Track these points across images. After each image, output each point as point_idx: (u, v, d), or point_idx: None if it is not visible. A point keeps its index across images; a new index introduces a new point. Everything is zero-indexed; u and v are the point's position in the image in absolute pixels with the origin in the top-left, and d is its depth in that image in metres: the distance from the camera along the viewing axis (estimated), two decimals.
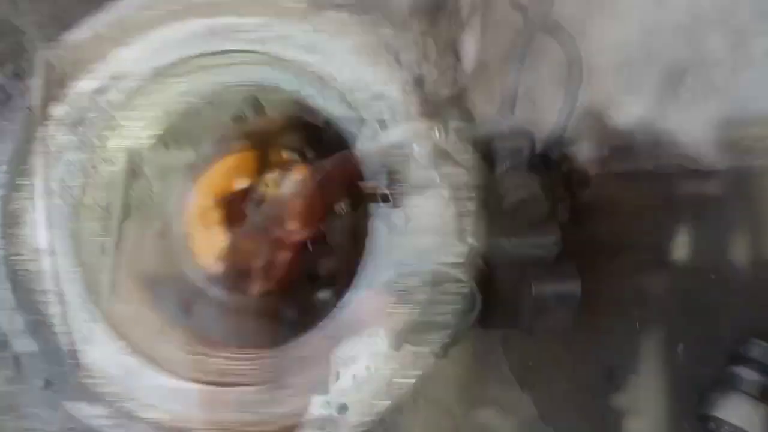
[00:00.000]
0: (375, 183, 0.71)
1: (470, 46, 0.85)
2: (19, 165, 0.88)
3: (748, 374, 1.00)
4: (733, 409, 0.96)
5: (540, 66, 1.08)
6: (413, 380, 0.72)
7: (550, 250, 0.63)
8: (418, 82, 0.91)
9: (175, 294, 0.99)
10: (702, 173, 1.18)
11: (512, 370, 1.10)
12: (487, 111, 1.06)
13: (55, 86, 0.88)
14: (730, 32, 1.00)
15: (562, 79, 1.07)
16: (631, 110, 1.07)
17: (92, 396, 0.81)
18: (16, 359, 0.87)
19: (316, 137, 1.03)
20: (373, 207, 0.73)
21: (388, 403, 0.71)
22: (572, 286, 0.67)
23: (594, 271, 1.14)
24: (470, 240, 0.61)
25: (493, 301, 0.74)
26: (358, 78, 0.87)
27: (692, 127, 1.06)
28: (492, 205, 0.63)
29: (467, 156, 0.61)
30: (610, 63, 1.07)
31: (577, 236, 1.18)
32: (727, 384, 1.00)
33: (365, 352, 0.70)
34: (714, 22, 0.99)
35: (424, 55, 0.85)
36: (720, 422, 0.97)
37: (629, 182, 1.20)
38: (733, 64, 1.05)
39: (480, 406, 1.07)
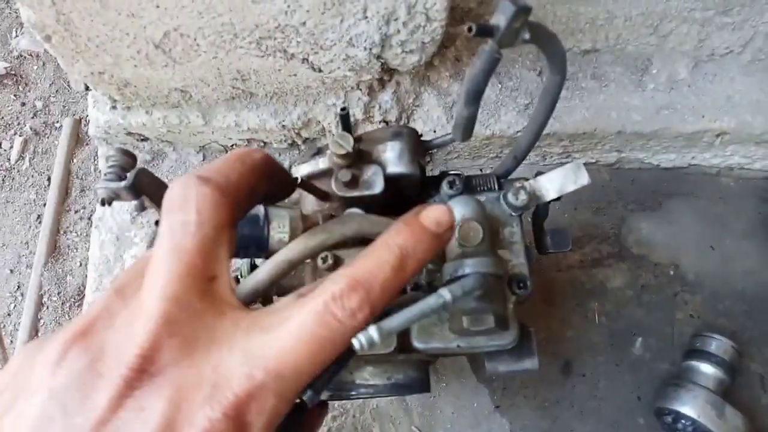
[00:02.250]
0: None
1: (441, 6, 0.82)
2: None
3: (705, 368, 0.98)
4: (690, 403, 0.94)
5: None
6: None
7: (508, 346, 0.59)
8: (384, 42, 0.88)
9: None
10: (663, 169, 1.18)
11: (468, 360, 1.05)
12: (454, 88, 1.03)
13: None
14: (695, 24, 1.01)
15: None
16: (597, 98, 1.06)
17: None
18: None
19: None
20: None
21: None
22: (529, 365, 0.63)
23: (553, 262, 1.12)
24: (417, 344, 0.56)
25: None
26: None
27: (655, 118, 1.05)
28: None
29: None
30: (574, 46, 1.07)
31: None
32: (685, 378, 0.99)
33: None
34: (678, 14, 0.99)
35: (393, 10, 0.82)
36: (677, 415, 0.95)
37: (590, 174, 1.19)
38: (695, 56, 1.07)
39: (435, 394, 1.01)
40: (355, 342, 0.33)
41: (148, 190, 0.54)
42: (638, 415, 1.01)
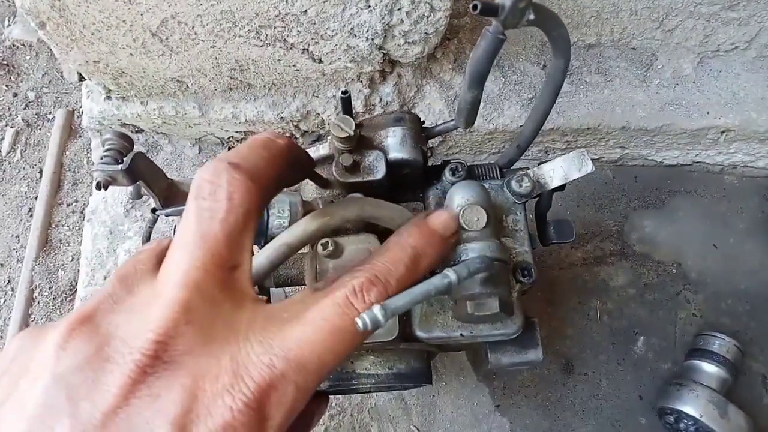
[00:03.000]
0: None
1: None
2: None
3: (708, 367, 0.97)
4: (693, 402, 0.93)
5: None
6: None
7: (512, 335, 0.58)
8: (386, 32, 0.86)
9: None
10: (667, 166, 1.17)
11: (468, 359, 1.03)
12: (456, 81, 1.02)
13: None
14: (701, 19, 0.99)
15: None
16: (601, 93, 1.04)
17: None
18: None
19: None
20: None
21: None
22: (533, 356, 0.62)
23: (555, 260, 1.11)
24: (419, 333, 0.55)
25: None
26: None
27: (659, 114, 1.04)
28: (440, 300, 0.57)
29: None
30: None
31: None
32: (687, 377, 0.97)
33: None
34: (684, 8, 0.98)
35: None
36: (679, 415, 0.94)
37: (594, 171, 1.18)
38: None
39: (435, 393, 1.00)
40: (359, 321, 0.32)
41: (144, 175, 0.52)
42: (640, 415, 1.00)
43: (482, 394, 1.01)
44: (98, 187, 0.49)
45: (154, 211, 0.54)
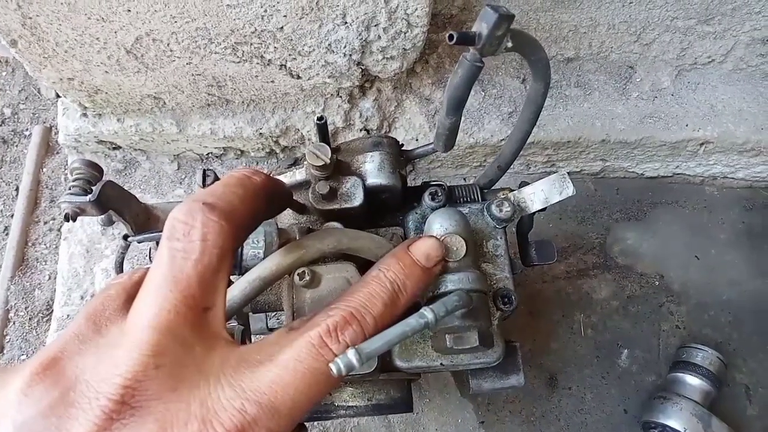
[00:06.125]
0: None
1: (422, 12, 0.80)
2: None
3: (691, 380, 0.97)
4: (676, 416, 0.93)
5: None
6: None
7: (493, 363, 0.58)
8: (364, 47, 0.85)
9: None
10: (648, 178, 1.17)
11: (452, 375, 1.02)
12: (436, 95, 1.01)
13: None
14: (678, 33, 1.00)
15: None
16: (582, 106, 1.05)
17: None
18: None
19: None
20: None
21: None
22: (514, 381, 0.62)
23: (538, 273, 1.10)
24: (398, 363, 0.55)
25: None
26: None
27: (639, 127, 1.04)
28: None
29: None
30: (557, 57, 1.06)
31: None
32: (671, 390, 0.97)
33: None
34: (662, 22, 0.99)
35: (373, 17, 0.80)
36: (663, 429, 0.93)
37: (575, 184, 1.18)
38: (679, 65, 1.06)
39: (419, 410, 0.99)
40: (332, 367, 0.31)
41: (115, 203, 0.50)
42: (625, 429, 1.00)
43: (466, 410, 1.00)
44: (66, 218, 0.47)
45: (126, 237, 0.53)
